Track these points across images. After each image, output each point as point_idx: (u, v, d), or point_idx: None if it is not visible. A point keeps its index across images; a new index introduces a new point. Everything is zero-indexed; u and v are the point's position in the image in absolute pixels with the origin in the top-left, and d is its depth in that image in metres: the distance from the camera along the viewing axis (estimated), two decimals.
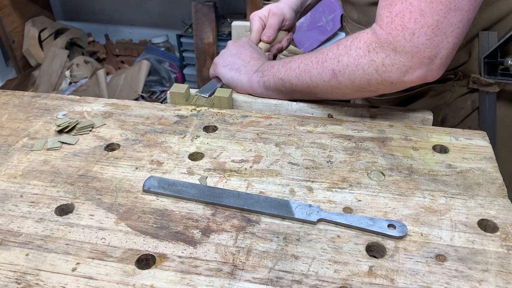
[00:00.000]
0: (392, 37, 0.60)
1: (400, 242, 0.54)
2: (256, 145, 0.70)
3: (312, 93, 0.74)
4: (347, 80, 0.67)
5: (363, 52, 0.64)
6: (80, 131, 0.74)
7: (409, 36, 0.59)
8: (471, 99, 0.85)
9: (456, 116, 0.88)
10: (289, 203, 0.59)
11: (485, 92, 0.81)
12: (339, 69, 0.67)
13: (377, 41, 0.62)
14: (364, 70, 0.64)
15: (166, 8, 2.87)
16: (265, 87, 0.78)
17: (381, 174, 0.64)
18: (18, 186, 0.63)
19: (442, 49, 0.60)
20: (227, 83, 0.84)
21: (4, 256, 0.53)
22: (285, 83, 0.75)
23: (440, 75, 0.64)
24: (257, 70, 0.80)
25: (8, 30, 2.57)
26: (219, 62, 0.84)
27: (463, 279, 0.49)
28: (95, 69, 2.69)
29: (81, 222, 0.57)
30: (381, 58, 0.62)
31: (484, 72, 0.78)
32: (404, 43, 0.60)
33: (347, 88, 0.68)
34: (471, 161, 0.66)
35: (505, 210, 0.58)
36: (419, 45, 0.59)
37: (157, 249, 0.53)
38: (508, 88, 0.81)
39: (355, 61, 0.65)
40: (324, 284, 0.49)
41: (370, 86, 0.66)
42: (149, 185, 0.62)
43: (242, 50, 0.85)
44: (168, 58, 2.67)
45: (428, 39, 0.59)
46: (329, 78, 0.68)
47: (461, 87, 0.84)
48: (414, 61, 0.61)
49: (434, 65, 0.62)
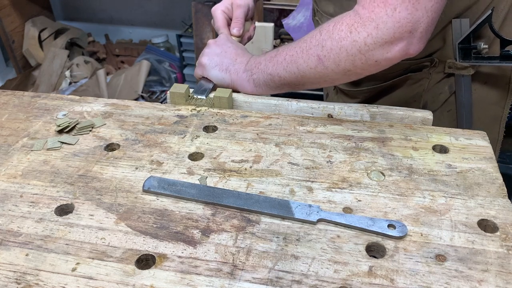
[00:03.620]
0: (375, 14, 0.63)
1: (400, 242, 0.54)
2: (256, 145, 0.70)
3: (300, 84, 0.75)
4: (332, 64, 0.68)
5: (345, 34, 0.65)
6: (80, 131, 0.74)
7: (391, 12, 0.62)
8: (448, 83, 0.88)
9: (436, 101, 0.91)
10: (289, 203, 0.59)
11: (461, 76, 0.86)
12: (324, 54, 0.68)
13: (359, 21, 0.64)
14: (347, 51, 0.66)
15: (166, 8, 2.87)
16: (255, 85, 0.80)
17: (381, 174, 0.64)
18: (18, 186, 0.63)
19: (422, 23, 0.63)
20: (218, 84, 0.84)
21: (4, 256, 0.53)
22: (274, 77, 0.76)
23: (421, 48, 0.66)
24: (245, 69, 0.81)
25: (8, 30, 2.57)
26: (206, 63, 0.84)
27: (463, 279, 0.49)
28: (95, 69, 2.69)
29: (81, 222, 0.57)
30: (363, 37, 0.64)
31: (459, 57, 0.82)
32: (386, 18, 0.62)
33: (333, 73, 0.69)
34: (471, 161, 0.66)
35: (505, 210, 0.58)
36: (401, 20, 0.62)
37: (157, 249, 0.53)
38: (481, 70, 0.85)
39: (338, 44, 0.66)
40: (324, 284, 0.49)
41: (355, 67, 0.67)
42: (149, 185, 0.62)
43: (225, 48, 0.86)
44: (168, 58, 2.67)
45: (409, 14, 0.62)
46: (315, 65, 0.69)
47: (438, 73, 0.87)
48: (396, 36, 0.63)
49: (414, 38, 0.64)
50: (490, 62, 0.81)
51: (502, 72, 0.86)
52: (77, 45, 2.89)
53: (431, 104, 0.91)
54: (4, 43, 2.64)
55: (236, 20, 0.93)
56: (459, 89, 0.87)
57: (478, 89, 0.87)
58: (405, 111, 0.77)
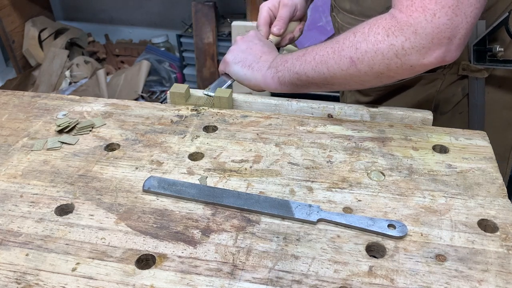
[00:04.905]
0: (413, 19, 0.61)
1: (400, 242, 0.54)
2: (256, 145, 0.70)
3: (329, 84, 0.74)
4: (366, 67, 0.66)
5: (382, 37, 0.64)
6: (80, 131, 0.74)
7: (430, 17, 0.60)
8: (461, 85, 0.87)
9: (448, 103, 0.90)
10: (289, 203, 0.59)
11: (475, 78, 0.84)
12: (357, 56, 0.66)
13: (397, 25, 0.62)
14: (383, 55, 0.64)
15: (166, 8, 2.87)
16: (279, 82, 0.78)
17: (381, 174, 0.64)
18: (18, 186, 0.63)
19: (461, 29, 0.61)
20: (240, 81, 0.83)
21: (4, 256, 0.53)
22: (301, 76, 0.75)
23: (458, 56, 0.64)
24: (270, 66, 0.79)
25: (8, 30, 2.57)
26: (229, 59, 0.83)
27: (463, 279, 0.49)
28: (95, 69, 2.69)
29: (81, 222, 0.57)
30: (401, 41, 0.62)
31: (473, 59, 0.81)
32: (426, 24, 0.60)
33: (366, 75, 0.68)
34: (471, 161, 0.66)
35: (505, 210, 0.58)
36: (440, 26, 0.60)
37: (157, 249, 0.53)
38: (495, 73, 0.84)
39: (374, 47, 0.65)
40: (324, 284, 0.49)
41: (389, 71, 0.66)
42: (149, 185, 0.62)
43: (251, 45, 0.84)
44: (168, 58, 2.66)
45: (449, 19, 0.60)
46: (348, 67, 0.68)
47: (451, 75, 0.86)
48: (434, 42, 0.61)
49: (452, 45, 0.62)
50: (505, 65, 0.80)
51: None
52: (77, 45, 2.89)
53: (443, 105, 0.90)
54: (4, 43, 2.64)
55: (278, 19, 0.92)
56: (472, 92, 0.86)
57: (491, 92, 0.86)
58: (405, 111, 0.77)
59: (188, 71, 2.63)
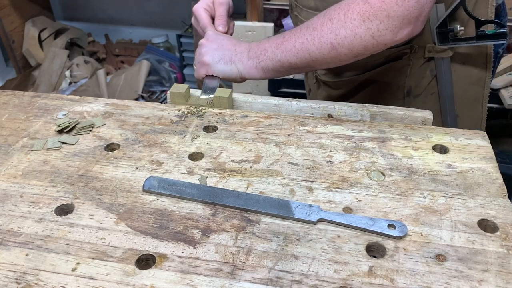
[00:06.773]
0: (386, 4, 0.67)
1: (400, 242, 0.54)
2: (256, 145, 0.70)
3: (310, 67, 0.80)
4: (346, 50, 0.73)
5: (359, 23, 0.70)
6: (80, 131, 0.74)
7: (401, 1, 0.67)
8: (429, 67, 0.93)
9: (419, 86, 0.95)
10: (289, 203, 0.59)
11: (440, 59, 0.91)
12: (337, 42, 0.72)
13: (371, 10, 0.69)
14: (361, 38, 0.71)
15: (166, 8, 2.87)
16: (263, 71, 0.82)
17: (381, 174, 0.64)
18: (18, 186, 0.63)
19: (426, 8, 0.69)
20: (226, 77, 0.84)
21: (4, 256, 0.53)
22: (284, 64, 0.79)
23: (421, 29, 0.73)
24: (249, 57, 0.82)
25: (8, 30, 2.57)
26: (209, 60, 0.85)
27: (463, 279, 0.49)
28: (95, 69, 2.69)
29: (81, 222, 0.57)
30: (376, 25, 0.69)
31: (437, 41, 0.87)
32: (397, 8, 0.67)
33: (345, 56, 0.74)
34: (471, 161, 0.66)
35: (505, 210, 0.58)
36: (410, 8, 0.67)
37: (157, 249, 0.53)
38: (459, 51, 0.91)
39: (352, 32, 0.71)
40: (324, 284, 0.49)
41: (366, 51, 0.73)
42: (149, 185, 0.62)
43: (220, 42, 0.87)
44: (168, 58, 2.66)
45: (416, 2, 0.67)
46: (328, 51, 0.74)
47: (418, 59, 0.92)
48: (405, 22, 0.69)
49: (419, 22, 0.70)
50: (467, 42, 0.86)
51: (479, 52, 0.90)
52: (77, 45, 2.89)
53: (415, 89, 0.95)
54: (4, 43, 2.64)
55: (219, 18, 0.94)
56: (439, 72, 0.92)
57: (457, 70, 0.92)
58: (405, 111, 0.77)
59: (188, 71, 2.63)
